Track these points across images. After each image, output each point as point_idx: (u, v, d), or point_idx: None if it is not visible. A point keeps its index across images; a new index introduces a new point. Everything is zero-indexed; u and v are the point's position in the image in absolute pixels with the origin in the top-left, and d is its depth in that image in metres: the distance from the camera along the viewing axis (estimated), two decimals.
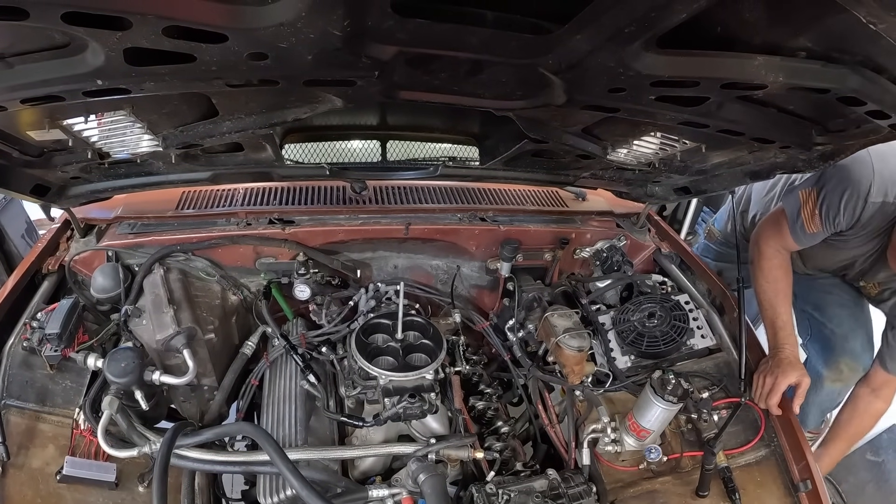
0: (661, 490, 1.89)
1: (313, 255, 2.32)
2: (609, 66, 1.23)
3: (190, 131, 1.69)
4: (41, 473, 1.66)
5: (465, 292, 2.66)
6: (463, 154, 2.44)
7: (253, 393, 2.12)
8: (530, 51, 1.22)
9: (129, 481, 1.73)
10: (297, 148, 2.28)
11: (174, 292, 2.03)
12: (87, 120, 1.47)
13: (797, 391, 1.99)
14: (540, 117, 1.77)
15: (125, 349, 1.76)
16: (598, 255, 2.60)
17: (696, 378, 2.09)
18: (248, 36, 1.06)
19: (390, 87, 1.45)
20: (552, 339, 2.07)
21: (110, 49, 1.07)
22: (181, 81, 1.27)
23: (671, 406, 1.79)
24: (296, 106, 1.64)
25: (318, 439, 1.95)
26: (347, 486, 1.70)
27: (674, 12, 0.98)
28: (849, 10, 0.89)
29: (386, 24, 1.06)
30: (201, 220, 2.32)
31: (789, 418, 1.96)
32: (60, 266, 2.15)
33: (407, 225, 2.38)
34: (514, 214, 2.60)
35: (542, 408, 2.16)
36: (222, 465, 1.71)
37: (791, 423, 1.94)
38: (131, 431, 1.70)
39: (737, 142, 1.66)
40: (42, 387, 1.82)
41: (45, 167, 1.78)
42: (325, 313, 2.30)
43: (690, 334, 2.20)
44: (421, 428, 1.97)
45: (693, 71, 1.27)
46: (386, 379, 1.92)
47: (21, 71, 1.16)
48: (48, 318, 1.83)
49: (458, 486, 1.92)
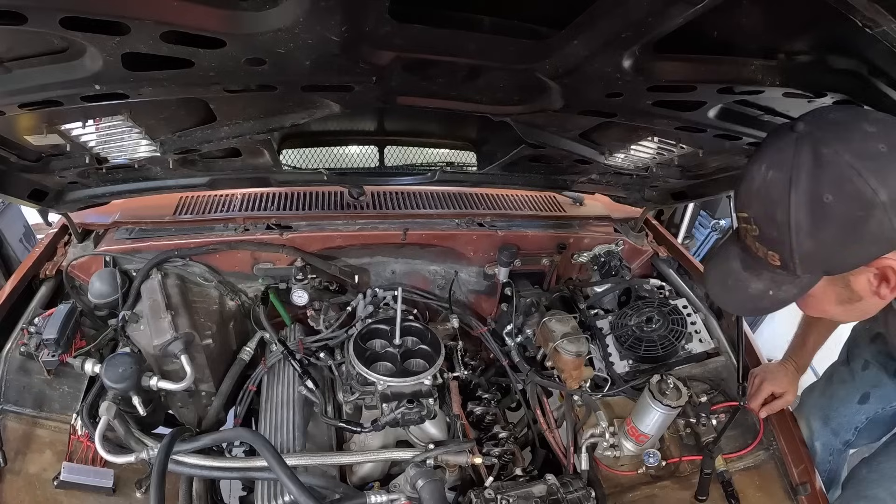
0: (661, 495, 1.89)
1: (311, 261, 2.32)
2: (606, 70, 1.23)
3: (188, 136, 1.69)
4: (38, 479, 1.65)
5: (463, 297, 2.66)
6: (461, 159, 2.45)
7: (251, 399, 2.11)
8: (527, 56, 1.22)
9: (126, 487, 1.72)
10: (294, 153, 2.28)
11: (172, 298, 2.03)
12: (85, 125, 1.46)
13: (773, 402, 1.95)
14: (537, 122, 1.78)
15: (123, 354, 1.76)
16: (596, 259, 2.60)
17: (694, 382, 2.09)
18: (246, 41, 1.07)
19: (388, 93, 1.46)
20: (550, 343, 2.07)
21: (108, 54, 1.08)
22: (179, 86, 1.27)
23: (670, 410, 1.79)
24: (294, 111, 1.64)
25: (317, 445, 1.95)
26: (346, 492, 1.69)
27: (670, 17, 0.99)
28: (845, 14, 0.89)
29: (383, 30, 1.07)
30: (199, 226, 2.31)
31: (788, 422, 1.95)
32: (58, 271, 2.14)
33: (405, 230, 2.38)
34: (512, 219, 2.60)
35: (540, 413, 2.15)
36: (220, 471, 1.70)
37: (790, 427, 1.94)
38: (129, 437, 1.69)
39: (734, 146, 1.67)
40: (39, 392, 1.81)
41: (42, 172, 1.77)
42: (323, 319, 2.29)
43: (688, 338, 2.20)
44: (419, 433, 1.97)
45: (690, 75, 1.27)
46: (384, 384, 1.91)
47: (19, 75, 1.16)
48: (45, 323, 1.82)
49: (456, 492, 1.91)
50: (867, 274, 1.07)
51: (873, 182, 0.95)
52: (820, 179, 0.99)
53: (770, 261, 1.12)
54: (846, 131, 1.01)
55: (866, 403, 2.08)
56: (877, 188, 0.95)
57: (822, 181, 0.99)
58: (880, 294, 1.09)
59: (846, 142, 0.98)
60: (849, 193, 0.97)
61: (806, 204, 1.00)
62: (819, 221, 1.01)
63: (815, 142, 1.01)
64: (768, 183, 1.05)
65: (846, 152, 0.97)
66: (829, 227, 1.01)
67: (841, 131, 1.01)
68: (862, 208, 0.97)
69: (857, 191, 0.96)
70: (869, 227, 0.98)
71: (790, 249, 1.06)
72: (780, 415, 1.97)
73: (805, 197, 1.00)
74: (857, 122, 1.01)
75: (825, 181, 0.99)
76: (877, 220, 0.97)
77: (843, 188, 0.97)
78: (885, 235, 0.99)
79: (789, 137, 1.04)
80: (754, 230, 1.12)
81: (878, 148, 0.97)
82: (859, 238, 1.00)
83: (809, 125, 1.04)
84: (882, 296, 1.09)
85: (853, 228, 0.99)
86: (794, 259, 1.07)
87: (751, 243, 1.15)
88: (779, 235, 1.06)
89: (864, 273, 1.07)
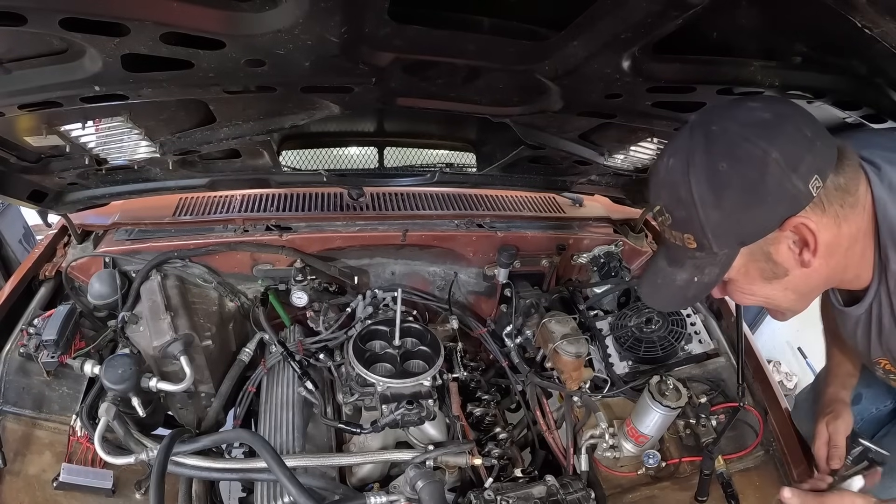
0: (660, 495, 1.89)
1: (311, 262, 2.31)
2: (605, 71, 1.23)
3: (187, 138, 1.69)
4: (38, 480, 1.65)
5: (462, 298, 2.65)
6: (460, 160, 2.45)
7: (250, 400, 2.11)
8: (527, 57, 1.22)
9: (125, 488, 1.72)
10: (294, 154, 2.28)
11: (171, 299, 2.03)
12: (85, 126, 1.47)
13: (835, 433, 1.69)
14: (537, 123, 1.78)
15: (122, 356, 1.75)
16: (596, 260, 2.60)
17: (694, 383, 2.08)
18: (245, 42, 1.07)
19: (387, 94, 1.46)
20: (550, 345, 2.07)
21: (108, 55, 1.08)
22: (179, 88, 1.28)
23: (669, 411, 1.79)
24: (293, 112, 1.64)
25: (316, 446, 1.95)
26: (345, 493, 1.69)
27: (669, 18, 0.99)
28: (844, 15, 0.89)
29: (383, 31, 1.07)
30: (198, 227, 2.31)
31: (787, 422, 1.95)
32: (57, 272, 2.14)
33: (404, 231, 2.38)
34: (512, 220, 2.59)
35: (540, 414, 2.15)
36: (219, 473, 1.70)
37: (789, 427, 1.94)
38: (128, 438, 1.69)
39: None
40: (39, 393, 1.81)
41: (42, 173, 1.77)
42: (323, 320, 2.29)
43: (688, 339, 2.20)
44: (419, 434, 1.97)
45: (689, 76, 1.28)
46: (383, 386, 1.91)
47: (19, 76, 1.16)
48: (45, 324, 1.82)
49: (456, 493, 1.91)
50: (786, 242, 1.09)
51: (763, 143, 1.01)
52: (713, 152, 1.05)
53: (687, 244, 1.14)
54: (733, 109, 1.08)
55: (859, 404, 2.08)
56: (767, 148, 1.00)
57: (715, 153, 1.04)
58: (804, 261, 1.10)
59: (732, 117, 1.06)
60: (740, 158, 1.03)
61: (704, 177, 1.05)
62: (719, 190, 1.05)
63: (705, 123, 1.08)
64: (670, 169, 1.10)
65: (733, 124, 1.05)
66: (730, 194, 1.05)
67: (728, 110, 1.09)
68: (755, 168, 1.01)
69: (747, 154, 1.02)
70: (767, 185, 1.02)
71: (700, 225, 1.09)
72: (780, 415, 1.98)
73: (702, 171, 1.05)
74: (742, 103, 1.09)
75: (717, 152, 1.04)
76: (774, 178, 1.01)
77: (734, 154, 1.03)
78: (787, 192, 1.02)
79: (684, 129, 1.12)
80: (667, 219, 1.15)
81: (764, 116, 1.04)
82: (761, 199, 1.04)
83: (700, 115, 1.14)
84: (806, 263, 1.10)
85: (753, 190, 1.03)
86: (706, 235, 1.10)
87: (668, 235, 1.18)
88: (687, 214, 1.10)
89: (783, 241, 1.09)
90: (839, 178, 1.05)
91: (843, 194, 1.06)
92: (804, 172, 1.00)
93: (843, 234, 1.09)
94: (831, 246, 1.09)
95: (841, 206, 1.06)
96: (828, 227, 1.07)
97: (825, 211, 1.05)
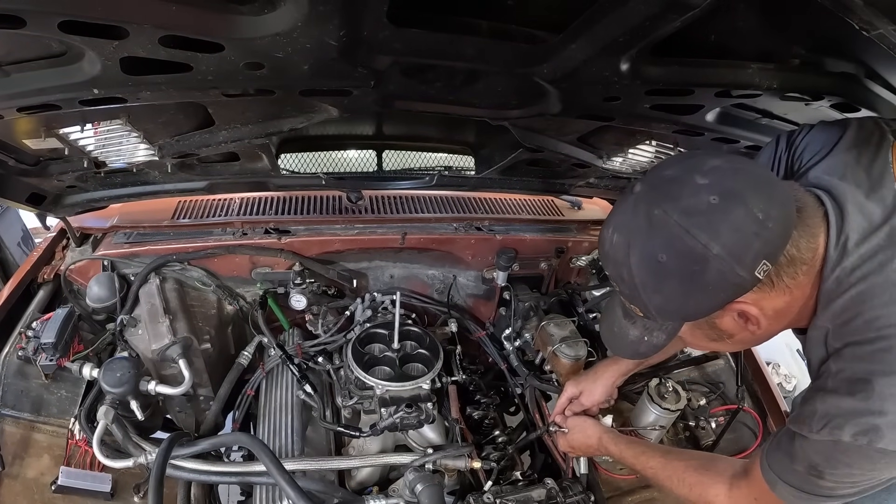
0: (659, 498, 1.88)
1: (309, 265, 2.31)
2: (604, 74, 1.24)
3: (186, 141, 1.69)
4: (36, 483, 1.65)
5: (461, 302, 2.65)
6: (459, 163, 2.44)
7: (249, 403, 2.11)
8: (525, 60, 1.23)
9: (124, 492, 1.72)
10: (293, 158, 2.28)
11: (170, 302, 2.02)
12: (84, 129, 1.46)
13: None
14: (535, 126, 1.78)
15: (121, 359, 1.75)
16: (595, 263, 2.60)
17: (693, 385, 2.09)
18: (244, 46, 1.07)
19: (386, 97, 1.46)
20: (548, 347, 2.07)
21: (107, 58, 1.08)
22: (177, 91, 1.28)
23: (669, 414, 1.79)
24: (292, 115, 1.65)
25: (315, 450, 1.94)
26: (344, 497, 1.69)
27: (667, 21, 0.99)
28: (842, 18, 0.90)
29: (382, 34, 1.07)
30: (197, 230, 2.31)
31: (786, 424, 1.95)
32: (56, 275, 2.14)
33: (403, 234, 2.38)
34: (510, 224, 2.60)
35: (539, 417, 2.15)
36: (218, 476, 1.70)
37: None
38: (127, 442, 1.68)
39: (732, 149, 1.67)
40: (37, 396, 1.81)
41: (41, 176, 1.77)
42: (322, 323, 2.29)
43: None
44: (418, 438, 1.97)
45: (687, 79, 1.28)
46: (382, 389, 1.91)
47: (18, 79, 1.17)
48: (43, 327, 1.82)
49: (455, 496, 1.90)
50: (730, 315, 1.08)
51: (703, 237, 0.95)
52: (653, 240, 1.01)
53: (636, 312, 1.15)
54: (677, 188, 1.01)
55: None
56: (707, 242, 0.95)
57: (655, 242, 1.01)
58: (749, 330, 1.09)
59: (675, 200, 0.99)
60: (680, 251, 0.98)
61: (644, 264, 1.03)
62: (659, 278, 1.03)
63: (648, 204, 1.02)
64: (614, 246, 1.08)
65: (674, 211, 0.98)
66: (670, 283, 1.03)
67: (672, 189, 1.01)
68: (696, 262, 0.97)
69: (687, 248, 0.97)
70: (707, 278, 0.98)
71: (644, 303, 1.09)
72: (779, 417, 1.98)
73: (642, 258, 1.03)
74: (690, 176, 1.01)
75: (657, 243, 1.00)
76: (715, 271, 0.97)
77: (673, 247, 0.99)
78: (729, 282, 0.99)
79: (629, 200, 1.06)
80: (616, 286, 1.15)
81: (709, 200, 0.96)
82: (702, 289, 1.01)
83: (644, 185, 1.05)
84: (752, 332, 1.09)
85: (692, 281, 1.00)
86: (650, 311, 1.10)
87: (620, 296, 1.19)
88: (630, 292, 1.09)
89: (727, 315, 1.08)
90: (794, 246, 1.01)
91: (797, 266, 1.02)
92: (749, 262, 0.96)
93: (794, 297, 1.06)
94: (780, 311, 1.07)
95: (793, 277, 1.03)
96: (777, 298, 1.04)
97: (774, 286, 1.03)
